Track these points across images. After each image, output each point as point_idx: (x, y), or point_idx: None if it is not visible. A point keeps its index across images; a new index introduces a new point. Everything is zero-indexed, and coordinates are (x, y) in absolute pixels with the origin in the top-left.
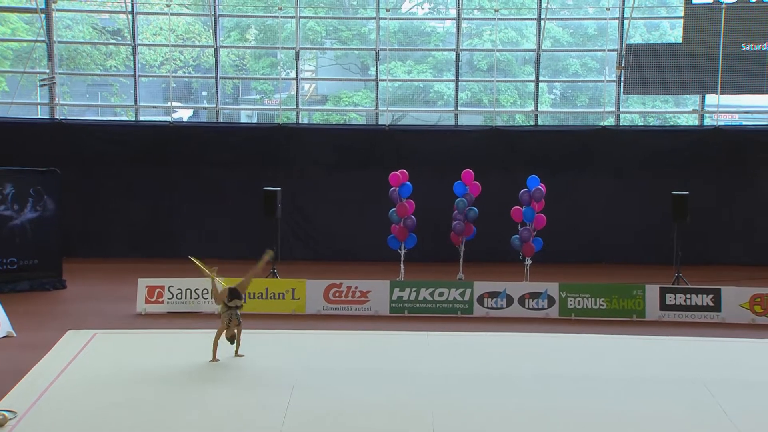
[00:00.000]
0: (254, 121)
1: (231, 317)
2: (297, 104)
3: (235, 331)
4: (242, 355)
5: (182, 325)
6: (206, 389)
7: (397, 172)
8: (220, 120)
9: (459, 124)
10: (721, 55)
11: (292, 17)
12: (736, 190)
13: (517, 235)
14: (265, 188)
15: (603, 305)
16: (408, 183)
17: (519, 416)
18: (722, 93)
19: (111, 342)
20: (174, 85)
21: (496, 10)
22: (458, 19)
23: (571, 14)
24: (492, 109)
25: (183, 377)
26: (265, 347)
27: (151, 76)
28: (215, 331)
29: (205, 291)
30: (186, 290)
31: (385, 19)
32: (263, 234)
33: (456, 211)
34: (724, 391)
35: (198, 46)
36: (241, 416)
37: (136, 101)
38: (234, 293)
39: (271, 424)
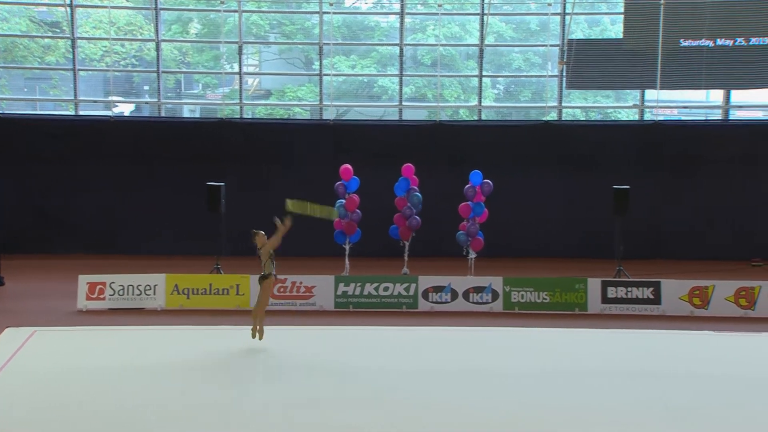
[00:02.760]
0: (197, 115)
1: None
2: (240, 99)
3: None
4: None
5: (124, 321)
6: (147, 387)
7: (348, 166)
8: (163, 114)
9: (403, 118)
10: (660, 51)
11: (234, 11)
12: (675, 185)
13: (463, 231)
14: (208, 183)
15: (546, 299)
16: (355, 177)
17: (461, 410)
18: (661, 88)
19: (51, 339)
20: (117, 74)
21: (440, 5)
22: (402, 14)
23: (513, 9)
24: (436, 104)
25: (124, 375)
26: (208, 343)
27: (90, 69)
28: (158, 328)
29: (147, 287)
30: (128, 287)
31: (329, 13)
32: (207, 229)
33: (408, 206)
34: (664, 383)
35: (139, 40)
36: (184, 413)
37: (75, 95)
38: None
39: (217, 420)
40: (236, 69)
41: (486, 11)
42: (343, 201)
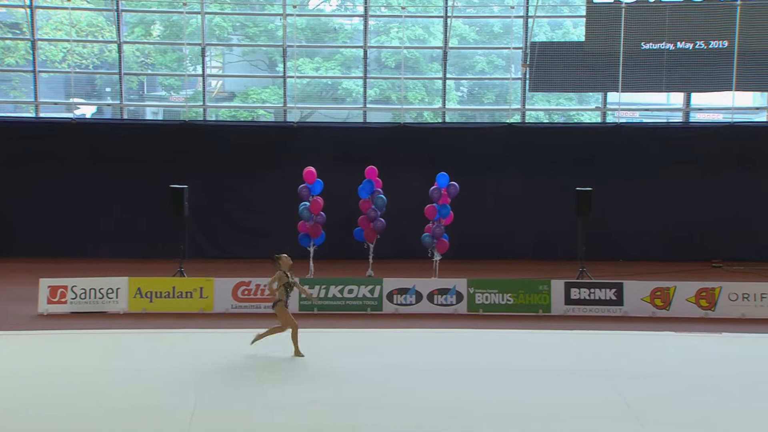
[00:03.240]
0: (160, 117)
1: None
2: (204, 101)
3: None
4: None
5: (86, 325)
6: (107, 392)
7: (312, 168)
8: (125, 117)
9: (368, 121)
10: (621, 54)
11: (197, 13)
12: (637, 186)
13: (428, 233)
14: (171, 186)
15: (510, 300)
16: (319, 180)
17: (426, 411)
18: (623, 91)
19: (11, 344)
20: (79, 76)
21: (403, 8)
22: (366, 16)
23: (477, 12)
24: (400, 107)
25: (85, 380)
26: (171, 347)
27: (51, 71)
28: (121, 331)
29: (110, 291)
30: (90, 290)
31: (293, 15)
32: (171, 232)
33: (372, 208)
34: (626, 383)
35: (100, 42)
36: (144, 419)
37: (36, 97)
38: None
39: (178, 424)
40: (199, 71)
41: (449, 14)
42: (307, 204)
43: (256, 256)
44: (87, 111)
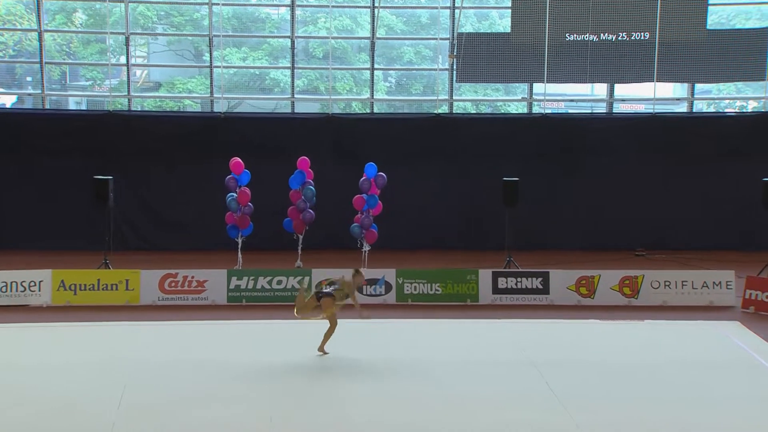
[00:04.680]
0: (84, 108)
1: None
2: (128, 91)
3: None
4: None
5: (7, 319)
6: (34, 384)
7: (239, 159)
8: (47, 107)
9: (296, 111)
10: (546, 45)
11: (120, 1)
12: (563, 176)
13: (357, 224)
14: (95, 177)
15: (438, 290)
16: (246, 170)
17: (354, 401)
18: (548, 82)
19: None
20: None
21: None
22: (293, 6)
23: (404, 2)
24: (328, 97)
25: (5, 375)
26: (96, 340)
27: None
28: (43, 325)
29: (32, 283)
30: (11, 283)
31: (218, 4)
32: (96, 224)
33: (302, 199)
34: (552, 371)
35: (20, 30)
36: (71, 412)
37: None
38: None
39: (103, 417)
40: (123, 61)
41: (377, 4)
42: (235, 195)
43: (184, 248)
44: (7, 101)
